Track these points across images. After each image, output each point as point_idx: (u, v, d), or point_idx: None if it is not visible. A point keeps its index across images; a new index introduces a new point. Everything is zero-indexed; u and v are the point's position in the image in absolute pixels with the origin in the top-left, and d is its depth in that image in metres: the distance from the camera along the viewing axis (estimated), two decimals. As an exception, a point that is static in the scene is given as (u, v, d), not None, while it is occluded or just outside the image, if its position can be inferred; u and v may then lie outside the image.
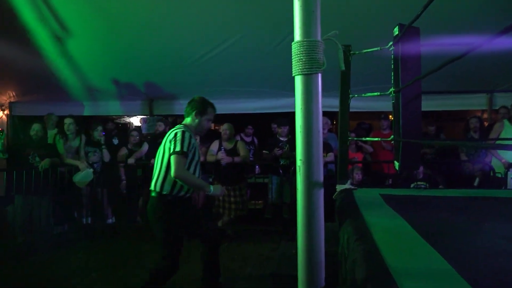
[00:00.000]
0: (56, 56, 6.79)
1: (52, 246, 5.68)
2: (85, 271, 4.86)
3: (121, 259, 5.33)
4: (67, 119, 6.01)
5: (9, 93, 8.32)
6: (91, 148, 6.09)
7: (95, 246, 5.81)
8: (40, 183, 5.45)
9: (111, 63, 6.96)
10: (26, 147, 5.50)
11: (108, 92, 7.74)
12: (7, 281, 4.54)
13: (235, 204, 5.96)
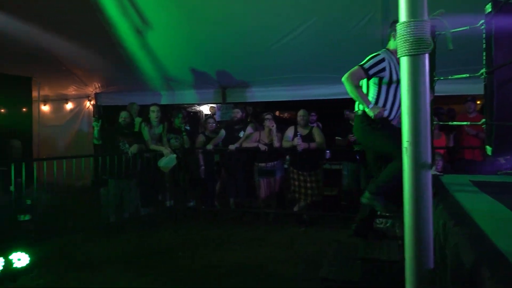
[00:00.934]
0: (137, 49, 7.21)
1: (140, 226, 6.13)
2: (171, 250, 5.21)
3: (202, 240, 5.64)
4: (153, 107, 6.39)
5: (95, 84, 8.98)
6: (172, 135, 6.43)
7: (178, 227, 6.18)
8: (129, 168, 5.87)
9: (187, 53, 7.26)
10: (116, 135, 5.94)
11: (183, 81, 8.08)
12: (102, 256, 4.98)
13: (311, 189, 6.04)
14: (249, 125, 6.73)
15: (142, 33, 6.81)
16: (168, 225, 6.29)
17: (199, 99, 8.65)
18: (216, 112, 8.33)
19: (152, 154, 6.21)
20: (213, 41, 6.83)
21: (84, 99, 9.39)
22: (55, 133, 9.68)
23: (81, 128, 9.60)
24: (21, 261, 4.33)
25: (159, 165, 6.09)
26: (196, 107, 12.07)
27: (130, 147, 5.91)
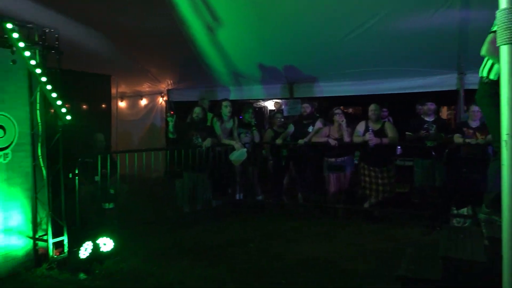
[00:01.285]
0: (207, 45, 7.41)
1: (211, 217, 6.35)
2: (242, 242, 5.33)
3: (271, 233, 5.71)
4: (224, 102, 6.58)
5: (167, 81, 9.38)
6: (243, 130, 6.57)
7: (248, 220, 6.31)
8: (202, 162, 6.09)
9: (255, 49, 7.34)
10: (190, 129, 6.18)
11: (251, 77, 8.19)
12: (178, 245, 5.22)
13: (383, 186, 5.89)
14: (318, 120, 6.69)
15: (213, 30, 7.00)
16: (238, 217, 6.45)
17: (267, 94, 8.74)
18: (283, 107, 8.36)
19: (223, 148, 6.39)
20: (281, 36, 6.85)
21: (157, 95, 9.85)
22: (131, 127, 10.25)
23: (154, 122, 10.09)
24: (106, 245, 4.66)
25: (231, 158, 6.25)
26: (260, 102, 12.19)
27: (203, 141, 6.12)
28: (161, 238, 5.47)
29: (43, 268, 4.27)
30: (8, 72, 4.07)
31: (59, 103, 4.16)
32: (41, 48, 4.22)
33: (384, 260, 4.56)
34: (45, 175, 4.36)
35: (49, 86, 4.09)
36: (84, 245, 4.49)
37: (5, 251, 4.12)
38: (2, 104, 4.04)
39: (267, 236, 5.57)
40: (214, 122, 6.49)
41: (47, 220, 4.40)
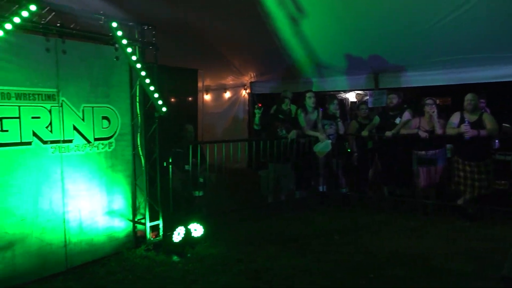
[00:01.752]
0: (290, 37, 7.41)
1: (295, 208, 6.40)
2: (326, 233, 5.30)
3: (356, 226, 5.62)
4: (308, 93, 6.56)
5: (250, 74, 9.56)
6: (327, 121, 6.50)
7: (332, 212, 6.26)
8: (286, 153, 6.14)
9: (339, 38, 7.19)
10: (275, 121, 6.25)
11: (335, 68, 8.05)
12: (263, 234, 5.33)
13: (479, 181, 5.50)
14: (406, 111, 6.40)
15: (297, 21, 6.98)
16: (321, 209, 6.43)
17: (350, 85, 8.53)
18: (368, 98, 8.12)
19: (307, 140, 6.37)
20: (366, 24, 6.64)
21: (240, 88, 10.09)
22: (215, 119, 10.60)
23: (237, 115, 10.35)
24: (197, 231, 4.91)
25: (315, 150, 6.23)
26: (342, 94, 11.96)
27: (287, 133, 6.17)
28: (247, 226, 5.63)
29: (142, 249, 4.62)
30: (112, 68, 4.44)
31: (156, 96, 4.44)
32: (141, 45, 4.53)
33: (480, 259, 4.30)
34: (144, 163, 4.70)
35: (148, 80, 4.38)
36: (177, 229, 4.78)
37: (110, 231, 4.52)
38: (107, 98, 4.41)
39: (353, 229, 5.49)
40: (298, 114, 6.49)
41: (145, 205, 4.73)
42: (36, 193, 3.85)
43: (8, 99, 3.62)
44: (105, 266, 4.22)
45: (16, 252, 3.72)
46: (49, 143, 3.92)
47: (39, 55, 3.83)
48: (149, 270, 4.15)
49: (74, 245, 4.17)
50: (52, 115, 3.93)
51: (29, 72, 3.75)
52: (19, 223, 3.73)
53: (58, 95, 3.97)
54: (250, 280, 3.90)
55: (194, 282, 3.86)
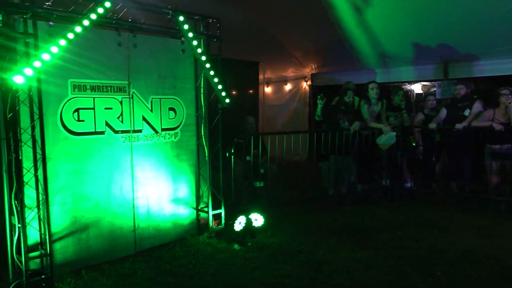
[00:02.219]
0: (353, 27, 7.23)
1: (356, 201, 6.28)
2: (389, 228, 5.15)
3: (422, 222, 5.40)
4: (371, 84, 6.37)
5: (311, 65, 9.47)
6: (391, 113, 6.28)
7: (395, 207, 6.07)
8: (348, 145, 6.02)
9: (405, 27, 6.90)
10: (337, 112, 6.14)
11: (400, 58, 7.75)
12: (324, 225, 5.29)
13: None
14: (476, 102, 6.02)
15: (361, 10, 6.79)
16: (384, 203, 6.25)
17: (417, 76, 8.18)
18: (436, 89, 7.73)
19: (370, 132, 6.20)
20: (435, 11, 6.32)
21: (301, 80, 10.02)
22: (275, 112, 10.65)
23: (297, 107, 10.30)
24: (257, 221, 4.97)
25: (378, 142, 6.05)
26: (406, 85, 11.50)
27: (349, 124, 6.04)
28: (307, 218, 5.61)
29: (204, 236, 4.76)
30: (178, 61, 4.59)
31: (220, 87, 4.53)
32: (205, 37, 4.64)
33: None
34: (207, 153, 4.82)
35: (212, 72, 4.48)
36: (239, 219, 4.87)
37: (175, 218, 4.71)
38: (173, 89, 4.58)
39: (417, 224, 5.29)
40: (361, 105, 6.33)
41: (208, 193, 4.87)
42: (108, 180, 4.09)
43: (84, 91, 3.86)
44: (171, 251, 4.40)
45: (90, 235, 3.98)
46: (120, 133, 4.14)
47: (112, 49, 4.04)
48: (212, 256, 4.27)
49: (142, 230, 4.39)
50: (123, 106, 4.15)
51: (102, 66, 3.96)
52: (93, 207, 3.99)
53: (128, 87, 4.18)
54: (311, 271, 3.89)
55: (255, 270, 3.92)
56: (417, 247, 4.48)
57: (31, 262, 3.45)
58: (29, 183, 3.38)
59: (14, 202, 3.40)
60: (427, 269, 3.89)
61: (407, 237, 4.80)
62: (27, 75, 3.12)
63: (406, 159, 6.40)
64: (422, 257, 4.19)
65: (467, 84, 6.30)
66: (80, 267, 3.85)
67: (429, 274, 3.77)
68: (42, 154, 3.42)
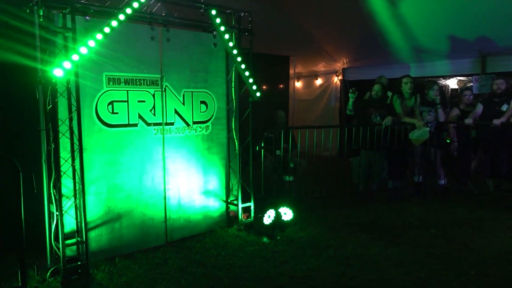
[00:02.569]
0: (387, 20, 7.09)
1: (387, 198, 6.18)
2: (422, 225, 5.04)
3: (455, 220, 5.25)
4: (405, 79, 6.23)
5: (343, 60, 9.35)
6: (425, 108, 6.12)
7: (428, 204, 5.93)
8: (380, 140, 5.92)
9: (442, 20, 6.73)
10: (369, 107, 6.05)
11: (436, 51, 7.56)
12: (353, 221, 5.24)
13: None
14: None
15: (395, 2, 6.66)
16: (417, 200, 6.12)
17: (453, 70, 7.94)
18: (473, 84, 7.48)
19: (402, 127, 6.07)
20: (473, 2, 6.13)
21: (332, 74, 9.92)
22: (305, 107, 10.58)
23: (328, 102, 10.20)
24: (286, 215, 4.97)
25: (411, 137, 5.92)
26: (441, 80, 11.21)
27: (381, 119, 5.94)
28: (337, 213, 5.57)
29: (234, 229, 4.80)
30: (210, 54, 4.64)
31: (251, 81, 4.55)
32: (237, 31, 4.66)
33: None
34: (237, 146, 4.86)
35: (243, 66, 4.50)
36: (268, 212, 4.89)
37: (205, 210, 4.77)
38: (205, 83, 4.63)
39: (451, 223, 5.15)
40: (394, 100, 6.20)
41: (237, 187, 4.91)
42: (140, 171, 4.18)
43: (118, 84, 3.96)
44: (200, 242, 4.46)
45: (123, 224, 4.10)
46: (152, 125, 4.22)
47: (145, 43, 4.11)
48: (241, 248, 4.31)
49: (173, 221, 4.48)
50: (155, 99, 4.22)
51: (135, 59, 4.04)
52: (126, 198, 4.10)
53: (161, 81, 4.25)
54: (341, 265, 3.86)
55: (284, 263, 3.93)
56: (449, 246, 4.37)
57: (67, 249, 3.58)
58: (66, 173, 3.51)
59: (52, 191, 3.55)
60: (460, 268, 3.80)
61: (440, 235, 4.68)
62: (66, 68, 3.23)
63: (440, 155, 6.23)
64: (455, 256, 4.09)
65: (507, 79, 6.07)
66: (113, 255, 3.97)
67: (462, 273, 3.67)
68: (79, 145, 3.53)
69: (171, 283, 3.52)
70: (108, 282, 3.51)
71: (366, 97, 6.42)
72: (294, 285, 3.50)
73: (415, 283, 3.54)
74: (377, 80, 6.99)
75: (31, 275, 3.52)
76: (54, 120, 3.42)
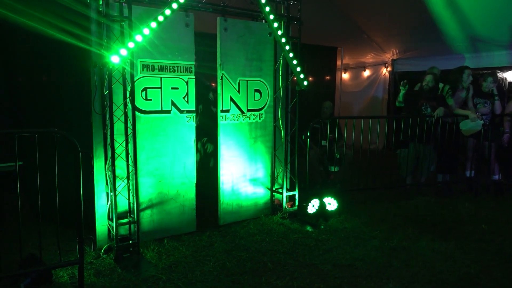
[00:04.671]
0: (441, 8, 6.79)
1: (435, 192, 6.00)
2: (473, 221, 4.87)
3: (509, 217, 5.03)
4: (458, 69, 5.99)
5: (392, 51, 9.09)
6: (480, 100, 5.86)
7: (480, 201, 5.71)
8: (429, 132, 5.74)
9: (504, 6, 6.35)
10: (420, 98, 5.86)
11: (494, 41, 7.17)
12: (400, 214, 5.12)
13: None
14: None
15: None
16: (468, 196, 5.90)
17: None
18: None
19: (454, 119, 5.85)
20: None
21: (380, 66, 9.68)
22: (352, 99, 10.40)
23: (376, 95, 9.98)
24: (331, 205, 4.96)
25: (461, 128, 5.70)
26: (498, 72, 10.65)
27: (432, 111, 5.74)
28: (382, 205, 5.49)
29: (278, 217, 4.86)
30: (265, 44, 4.73)
31: (298, 70, 4.55)
32: (286, 19, 4.67)
33: None
34: (283, 135, 4.89)
35: (291, 54, 4.51)
36: (312, 201, 4.90)
37: (252, 197, 4.87)
38: (259, 71, 4.72)
39: (505, 220, 4.94)
40: (446, 91, 5.97)
41: (283, 175, 4.95)
42: (172, 158, 4.21)
43: (152, 71, 3.95)
44: (245, 228, 4.55)
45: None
46: (185, 112, 4.23)
47: (179, 30, 4.09)
48: (285, 235, 4.35)
49: (226, 205, 4.65)
50: (188, 87, 4.20)
51: (170, 46, 4.03)
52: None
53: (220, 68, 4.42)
54: (386, 256, 3.82)
55: (328, 252, 3.94)
56: (502, 243, 4.21)
57: (121, 228, 3.78)
58: (120, 156, 3.69)
59: (107, 172, 3.74)
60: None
61: (492, 232, 4.51)
62: (122, 55, 3.39)
63: (495, 149, 5.96)
64: (508, 253, 3.93)
65: None
66: (163, 236, 4.14)
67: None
68: (133, 129, 3.70)
69: (217, 265, 3.63)
70: (157, 261, 3.67)
71: (416, 88, 6.23)
72: (337, 272, 3.51)
73: (464, 278, 3.44)
74: (429, 71, 6.75)
75: (87, 251, 3.75)
76: (110, 105, 3.59)
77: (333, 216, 4.92)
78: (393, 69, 9.32)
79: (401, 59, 9.13)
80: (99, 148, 3.77)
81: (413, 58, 8.85)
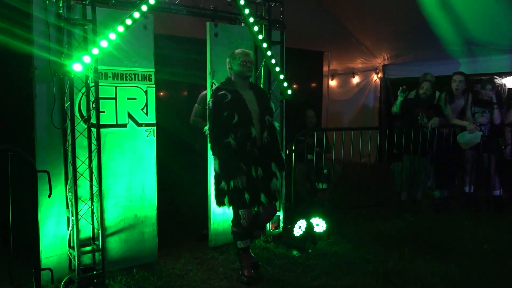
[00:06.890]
0: (435, 10, 6.98)
1: (433, 209, 6.12)
2: (474, 240, 4.96)
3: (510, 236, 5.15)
4: (455, 76, 6.12)
5: (383, 55, 9.28)
6: (479, 109, 6.01)
7: (481, 217, 5.84)
8: (425, 144, 5.84)
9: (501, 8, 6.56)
10: (415, 107, 5.97)
11: (491, 45, 7.40)
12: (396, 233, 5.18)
13: None
14: None
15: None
16: (467, 213, 6.02)
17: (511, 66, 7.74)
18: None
19: (452, 130, 5.98)
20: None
21: (371, 72, 9.86)
22: (341, 107, 10.53)
23: (366, 103, 10.14)
24: (319, 226, 4.98)
25: (459, 140, 5.84)
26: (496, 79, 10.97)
27: (428, 121, 5.85)
28: (376, 224, 5.55)
29: (261, 240, 4.84)
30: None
31: (282, 77, 4.60)
32: (267, 23, 4.72)
33: None
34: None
35: (273, 60, 4.56)
36: (298, 223, 4.91)
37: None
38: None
39: (508, 239, 5.06)
40: (442, 100, 6.11)
41: (265, 193, 4.94)
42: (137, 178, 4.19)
43: (105, 79, 3.84)
44: (224, 254, 4.53)
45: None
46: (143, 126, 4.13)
47: (137, 33, 3.98)
48: (269, 261, 4.35)
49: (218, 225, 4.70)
50: (147, 96, 4.15)
51: (126, 51, 3.96)
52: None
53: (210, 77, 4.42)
54: (379, 282, 3.86)
55: (316, 279, 3.95)
56: (505, 264, 4.30)
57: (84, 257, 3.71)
58: (83, 175, 3.65)
59: (68, 194, 3.68)
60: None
61: (494, 252, 4.62)
62: (85, 63, 3.37)
63: (495, 162, 6.11)
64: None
65: None
66: (131, 265, 4.07)
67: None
68: (97, 145, 3.66)
69: (193, 297, 3.60)
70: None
71: (411, 96, 6.34)
72: (328, 302, 3.53)
73: (466, 304, 3.51)
74: (423, 78, 6.88)
75: (44, 285, 3.65)
76: (72, 118, 3.55)
77: (321, 238, 4.94)
78: (384, 75, 9.51)
79: (393, 65, 9.33)
80: (58, 167, 3.70)
81: (406, 63, 9.05)
